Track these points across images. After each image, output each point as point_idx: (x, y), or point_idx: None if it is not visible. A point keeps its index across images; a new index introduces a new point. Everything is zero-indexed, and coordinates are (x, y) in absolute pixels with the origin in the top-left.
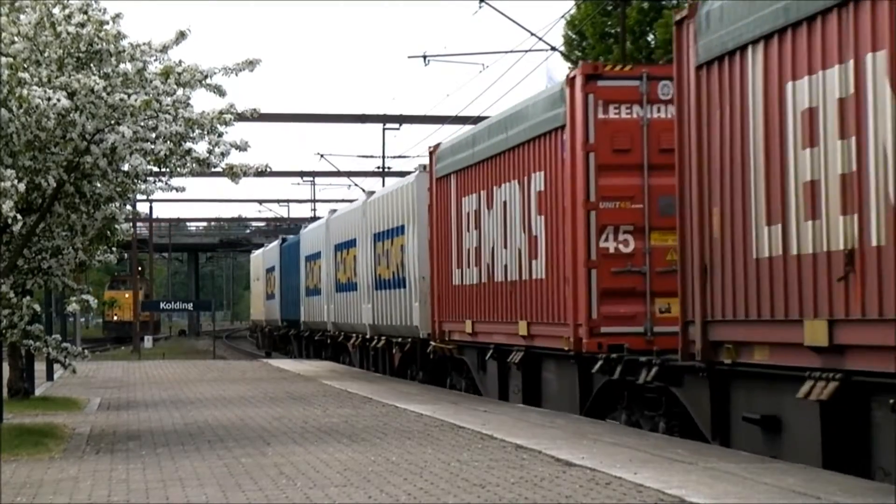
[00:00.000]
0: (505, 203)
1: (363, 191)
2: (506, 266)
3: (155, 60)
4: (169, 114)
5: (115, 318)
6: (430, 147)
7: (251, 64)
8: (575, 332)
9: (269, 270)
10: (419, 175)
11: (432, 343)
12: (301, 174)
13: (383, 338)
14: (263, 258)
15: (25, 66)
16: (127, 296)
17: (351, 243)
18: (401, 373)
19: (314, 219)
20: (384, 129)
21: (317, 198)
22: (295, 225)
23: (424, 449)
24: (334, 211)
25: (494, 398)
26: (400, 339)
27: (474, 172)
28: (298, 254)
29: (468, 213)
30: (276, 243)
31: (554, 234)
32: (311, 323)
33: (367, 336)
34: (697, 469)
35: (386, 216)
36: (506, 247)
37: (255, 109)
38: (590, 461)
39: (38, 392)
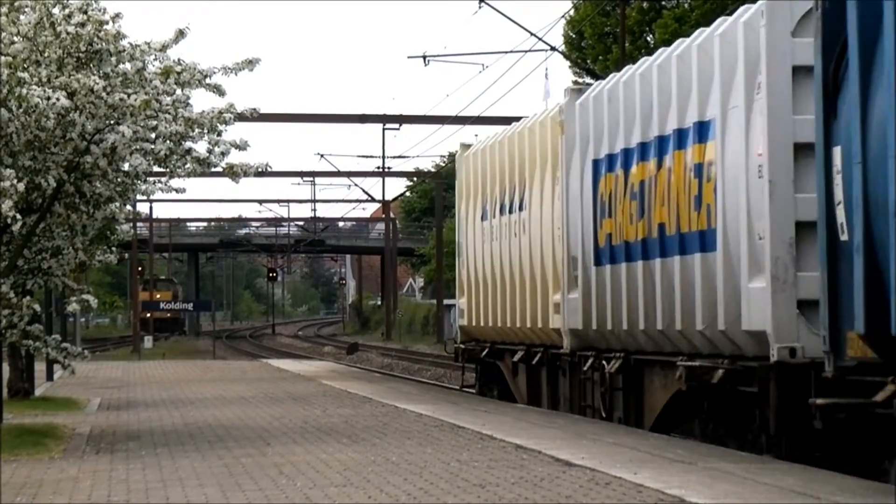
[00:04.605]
0: None
1: (364, 192)
2: None
3: (155, 60)
4: (169, 113)
5: (149, 315)
6: None
7: (251, 63)
8: None
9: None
10: None
11: None
12: (301, 174)
13: None
14: (640, 102)
15: (25, 65)
16: (158, 296)
17: None
18: None
19: (315, 219)
20: (384, 129)
21: (317, 198)
22: (295, 225)
23: (424, 449)
24: None
25: None
26: None
27: None
28: None
29: None
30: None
31: None
32: None
33: None
34: (697, 469)
35: None
36: None
37: (254, 109)
38: (589, 461)
39: (37, 392)
